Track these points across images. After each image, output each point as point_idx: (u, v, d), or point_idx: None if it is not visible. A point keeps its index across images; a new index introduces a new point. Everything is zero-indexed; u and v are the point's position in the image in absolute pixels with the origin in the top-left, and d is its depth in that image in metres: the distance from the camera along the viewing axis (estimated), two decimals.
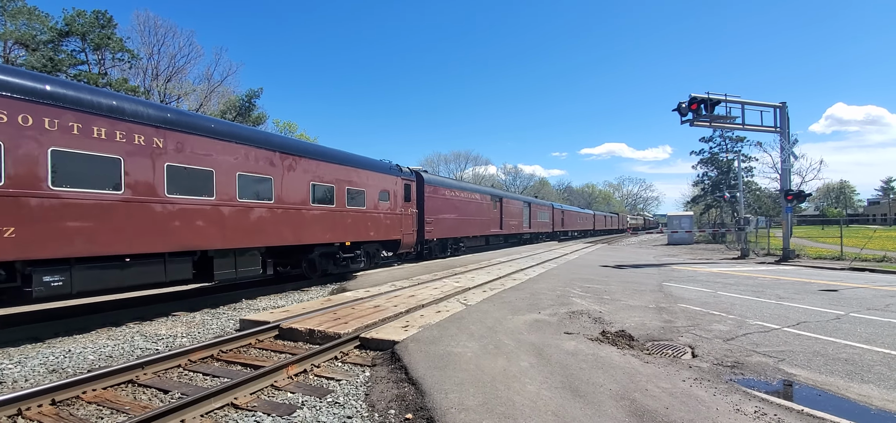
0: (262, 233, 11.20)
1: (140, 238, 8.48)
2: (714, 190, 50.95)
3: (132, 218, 8.35)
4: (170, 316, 9.42)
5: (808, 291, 11.76)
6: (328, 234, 13.50)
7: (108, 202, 8.01)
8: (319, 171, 13.23)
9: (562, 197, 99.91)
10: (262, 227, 11.19)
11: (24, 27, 29.82)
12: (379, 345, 6.47)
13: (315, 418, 4.35)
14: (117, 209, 8.13)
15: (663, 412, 4.24)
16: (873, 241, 27.02)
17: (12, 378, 5.70)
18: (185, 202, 9.31)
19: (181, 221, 9.23)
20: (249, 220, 10.83)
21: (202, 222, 9.67)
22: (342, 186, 14.15)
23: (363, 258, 15.72)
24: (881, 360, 6.00)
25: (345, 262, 14.69)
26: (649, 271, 17.24)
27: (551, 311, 8.78)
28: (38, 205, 7.12)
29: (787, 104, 21.73)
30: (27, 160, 7.00)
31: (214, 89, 40.43)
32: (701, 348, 6.52)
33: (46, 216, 7.21)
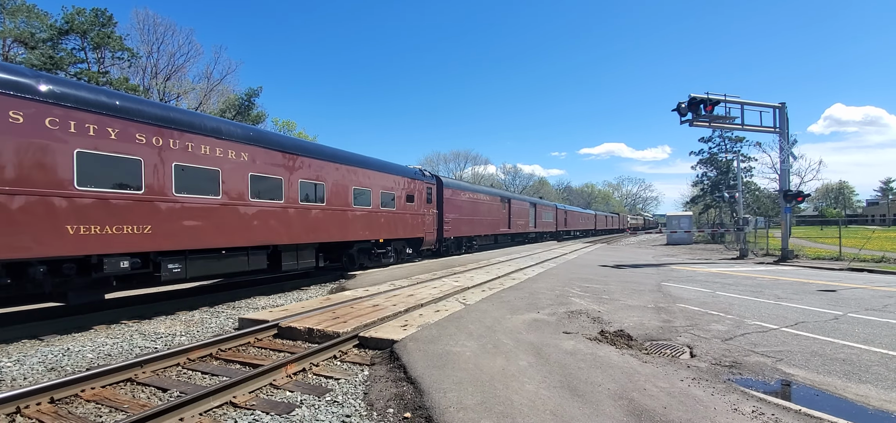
0: (316, 231, 12.98)
1: (232, 235, 10.31)
2: (713, 190, 50.98)
3: (226, 219, 10.18)
4: (169, 315, 9.42)
5: (807, 291, 11.78)
6: (366, 232, 15.35)
7: (210, 206, 9.85)
8: (358, 177, 15.02)
9: (561, 197, 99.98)
10: (316, 226, 12.97)
11: (24, 25, 29.79)
12: (378, 344, 6.48)
13: (314, 416, 4.36)
14: (216, 211, 9.96)
15: (661, 411, 4.25)
16: (872, 241, 27.06)
17: (11, 377, 5.70)
18: (262, 205, 11.14)
19: (259, 221, 11.04)
20: (307, 220, 12.62)
21: (274, 222, 11.49)
22: (376, 190, 15.98)
23: (393, 254, 17.55)
24: (879, 360, 6.02)
25: (377, 257, 16.54)
26: (648, 271, 17.26)
27: (550, 310, 8.79)
28: (166, 208, 8.96)
29: (786, 105, 21.77)
30: (158, 173, 8.84)
31: (214, 88, 40.41)
32: (699, 348, 6.54)
33: (170, 217, 9.02)
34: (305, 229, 12.50)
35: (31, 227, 7.08)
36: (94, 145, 7.90)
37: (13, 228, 6.88)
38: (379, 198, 16.06)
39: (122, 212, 8.27)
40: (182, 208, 9.25)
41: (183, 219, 9.26)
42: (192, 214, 9.45)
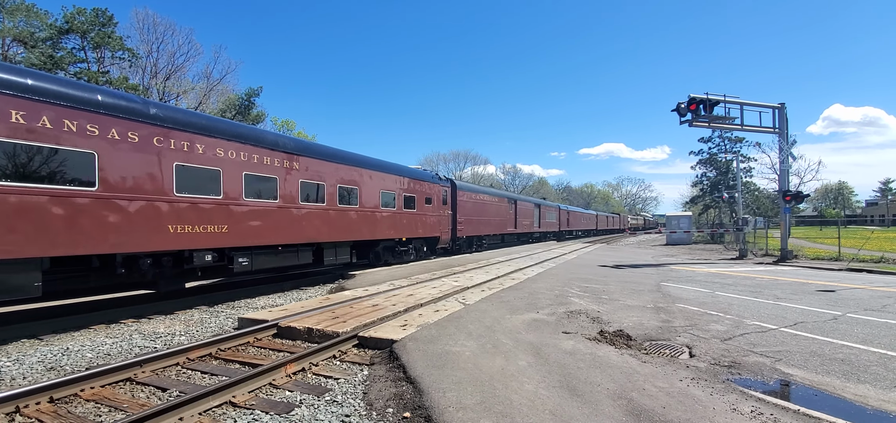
0: (351, 231, 14.61)
1: (286, 234, 11.82)
2: (713, 190, 51.01)
3: (281, 220, 11.70)
4: (168, 314, 9.42)
5: (806, 291, 11.79)
6: (391, 231, 16.97)
7: (269, 209, 11.35)
8: (386, 182, 16.64)
9: (561, 197, 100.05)
10: (351, 226, 14.62)
11: (23, 24, 29.75)
12: (377, 344, 6.48)
13: (313, 416, 4.36)
14: (274, 213, 11.47)
15: (660, 411, 4.26)
16: (871, 242, 27.09)
17: (10, 376, 5.70)
18: (309, 208, 12.69)
19: (306, 222, 12.55)
20: (344, 221, 14.24)
21: (318, 223, 13.03)
22: (400, 193, 17.59)
23: (413, 252, 19.16)
24: (877, 360, 6.03)
25: (400, 254, 18.16)
26: (647, 271, 17.27)
27: (549, 310, 8.80)
28: (238, 211, 10.52)
29: (785, 105, 21.78)
30: (233, 181, 10.41)
31: (213, 87, 40.37)
32: (698, 348, 6.54)
33: (241, 219, 10.58)
34: (342, 228, 14.17)
35: (143, 226, 8.60)
36: (188, 159, 9.52)
37: (131, 227, 8.41)
38: (402, 201, 17.66)
39: (207, 214, 9.87)
40: (249, 211, 10.84)
41: (250, 220, 10.86)
42: (256, 216, 11.03)
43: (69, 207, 7.54)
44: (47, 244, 7.25)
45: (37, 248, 7.12)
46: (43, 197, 7.23)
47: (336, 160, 14.03)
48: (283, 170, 11.77)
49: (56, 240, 7.35)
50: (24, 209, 7.02)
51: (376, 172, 16.11)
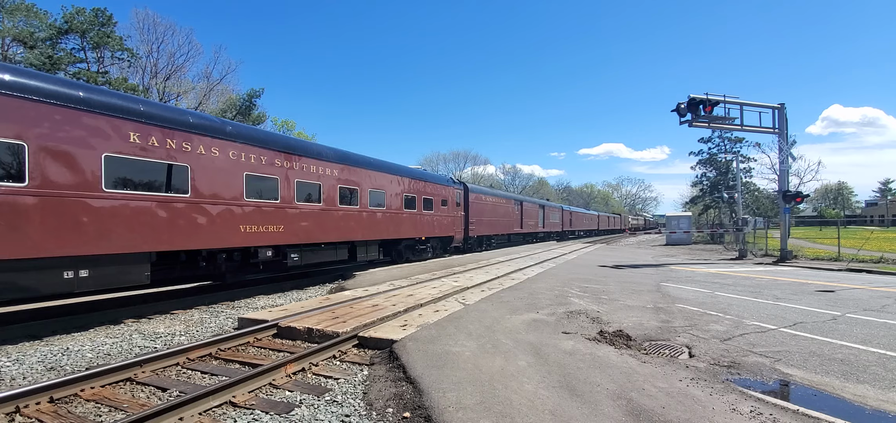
0: (379, 230, 16.27)
1: (327, 233, 13.49)
2: (712, 191, 51.06)
3: (324, 221, 13.32)
4: (168, 314, 9.42)
5: (806, 291, 11.80)
6: (412, 231, 18.67)
7: (314, 211, 12.96)
8: (407, 185, 18.33)
9: (561, 197, 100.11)
10: (379, 226, 16.29)
11: (23, 24, 29.76)
12: (377, 344, 6.49)
13: (313, 416, 4.36)
14: (318, 215, 13.06)
15: (660, 411, 4.26)
16: (870, 242, 27.10)
17: (10, 376, 5.70)
18: (346, 210, 14.35)
19: (343, 222, 14.20)
20: (374, 221, 15.91)
21: (353, 223, 14.73)
22: (420, 196, 19.25)
23: (430, 250, 21.05)
24: (877, 360, 6.03)
25: (419, 252, 20.03)
26: (647, 271, 17.28)
27: (549, 311, 8.80)
28: (292, 212, 12.10)
29: (785, 105, 21.79)
30: (287, 187, 11.97)
31: (213, 87, 40.39)
32: (698, 348, 6.55)
33: (293, 220, 12.12)
34: (372, 228, 15.84)
35: (222, 227, 10.19)
36: (254, 169, 11.06)
37: (213, 227, 9.94)
38: (422, 203, 19.39)
39: (268, 216, 11.36)
40: (299, 213, 12.37)
41: (300, 221, 12.38)
42: (304, 217, 12.54)
43: (170, 211, 9.12)
44: (155, 241, 8.82)
45: (148, 244, 8.69)
46: (152, 203, 8.80)
47: (368, 167, 15.86)
48: (324, 176, 13.47)
49: (161, 238, 8.95)
50: (139, 213, 8.56)
51: (400, 177, 17.94)
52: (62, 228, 7.46)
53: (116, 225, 8.18)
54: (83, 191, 7.76)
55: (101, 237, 7.95)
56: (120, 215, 8.23)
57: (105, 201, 8.04)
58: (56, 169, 7.41)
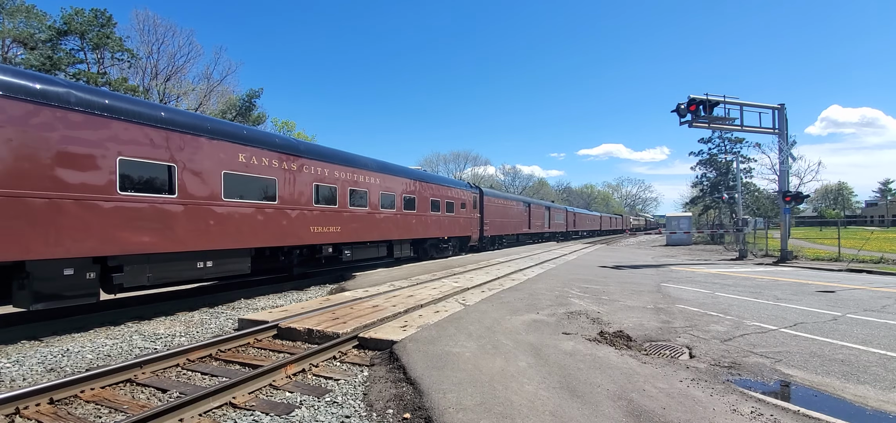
0: (410, 231, 18.51)
1: (372, 233, 15.81)
2: (713, 191, 51.03)
3: (369, 222, 15.71)
4: (168, 315, 9.41)
5: (806, 292, 11.80)
6: (437, 231, 21.13)
7: (363, 214, 15.28)
8: (433, 191, 20.70)
9: (561, 198, 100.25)
10: (411, 227, 18.52)
11: (22, 25, 29.76)
12: (377, 345, 6.48)
13: (313, 417, 4.36)
14: (365, 218, 15.39)
15: (660, 412, 4.26)
16: (870, 242, 27.08)
17: (10, 377, 5.70)
18: (385, 213, 16.70)
19: (383, 224, 16.58)
20: (406, 222, 18.18)
21: (390, 225, 17.06)
22: (443, 200, 21.68)
23: (451, 248, 23.47)
24: (877, 361, 6.03)
25: (442, 250, 22.56)
26: (647, 271, 17.27)
27: (550, 311, 8.80)
28: (346, 215, 14.35)
29: (785, 106, 21.79)
30: (343, 194, 14.28)
31: (214, 88, 40.38)
32: (698, 348, 6.55)
33: (347, 221, 14.38)
34: (405, 229, 18.09)
35: (299, 228, 12.37)
36: (320, 180, 13.25)
37: (292, 228, 12.15)
38: (445, 206, 21.78)
39: (330, 219, 13.55)
40: (351, 216, 14.62)
41: (352, 223, 14.60)
42: (355, 220, 14.83)
43: (263, 215, 11.27)
44: (254, 240, 11.02)
45: (249, 242, 10.93)
46: (252, 209, 10.97)
47: (401, 175, 18.24)
48: (370, 185, 15.77)
49: (258, 237, 11.13)
50: (244, 217, 10.75)
51: (428, 183, 20.42)
52: (197, 229, 9.62)
53: (230, 227, 10.38)
54: (210, 200, 9.94)
55: (221, 236, 10.16)
56: (232, 219, 10.46)
57: (223, 208, 10.22)
58: (193, 184, 9.57)
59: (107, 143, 8.08)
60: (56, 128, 7.41)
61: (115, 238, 8.12)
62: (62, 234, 7.39)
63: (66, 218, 7.45)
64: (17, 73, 7.49)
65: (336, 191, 13.90)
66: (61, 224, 7.39)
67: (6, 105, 6.84)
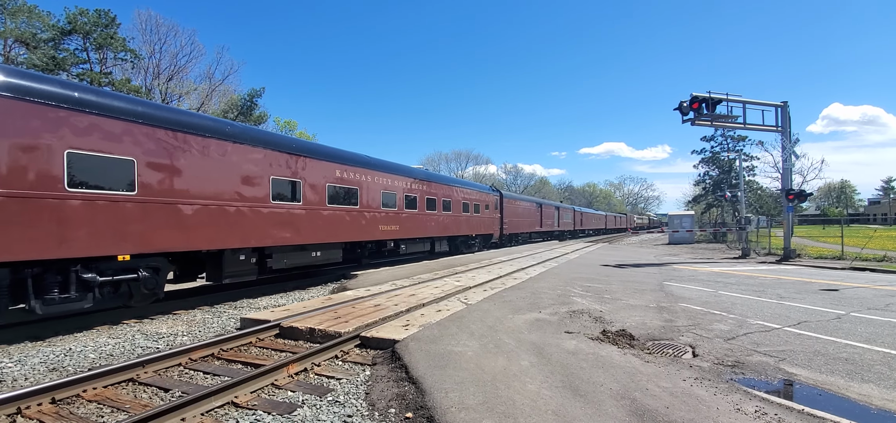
0: (447, 229, 22.01)
1: (419, 231, 19.05)
2: (715, 189, 50.89)
3: (418, 222, 18.91)
4: (171, 314, 9.43)
5: (809, 290, 11.74)
6: (467, 229, 24.76)
7: (413, 215, 18.45)
8: (464, 194, 24.49)
9: (563, 196, 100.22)
10: (448, 226, 22.05)
11: (25, 25, 29.81)
12: (379, 344, 6.47)
13: (315, 416, 4.35)
14: (415, 218, 18.55)
15: (664, 411, 4.24)
16: (874, 240, 26.98)
17: (12, 377, 5.71)
18: (429, 215, 19.92)
19: (428, 223, 19.84)
20: (444, 222, 21.55)
21: (433, 224, 20.37)
22: (471, 202, 25.36)
23: (477, 244, 26.89)
24: (881, 359, 5.99)
25: (470, 246, 25.92)
26: (650, 270, 17.22)
27: (552, 310, 8.77)
28: (403, 216, 17.49)
29: (788, 104, 21.68)
30: (400, 200, 17.34)
31: (216, 88, 40.40)
32: (702, 347, 6.52)
33: (403, 221, 17.54)
34: (443, 228, 21.50)
35: (373, 225, 15.73)
36: (386, 188, 16.61)
37: (369, 225, 15.40)
38: (473, 208, 25.47)
39: (391, 219, 16.86)
40: (407, 217, 17.93)
41: (407, 223, 17.93)
42: (409, 219, 18.15)
43: (350, 216, 14.53)
44: (345, 236, 14.27)
45: (341, 238, 14.16)
46: (343, 212, 14.18)
47: (441, 182, 22.19)
48: (418, 191, 18.98)
49: (347, 234, 14.38)
50: (339, 218, 13.96)
51: (460, 188, 24.24)
52: (313, 228, 12.86)
53: (331, 226, 13.56)
54: (319, 206, 13.16)
55: (326, 233, 13.37)
56: (332, 220, 13.64)
57: (327, 212, 13.47)
58: (310, 194, 12.75)
59: (265, 166, 11.32)
60: (245, 158, 10.78)
61: (268, 235, 11.31)
62: (243, 231, 10.63)
63: (245, 220, 10.66)
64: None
65: (396, 197, 17.20)
66: (243, 224, 10.61)
67: (225, 147, 10.31)
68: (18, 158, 6.89)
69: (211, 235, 9.82)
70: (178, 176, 9.20)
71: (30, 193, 7.00)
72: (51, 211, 7.23)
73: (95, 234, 7.78)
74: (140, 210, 8.49)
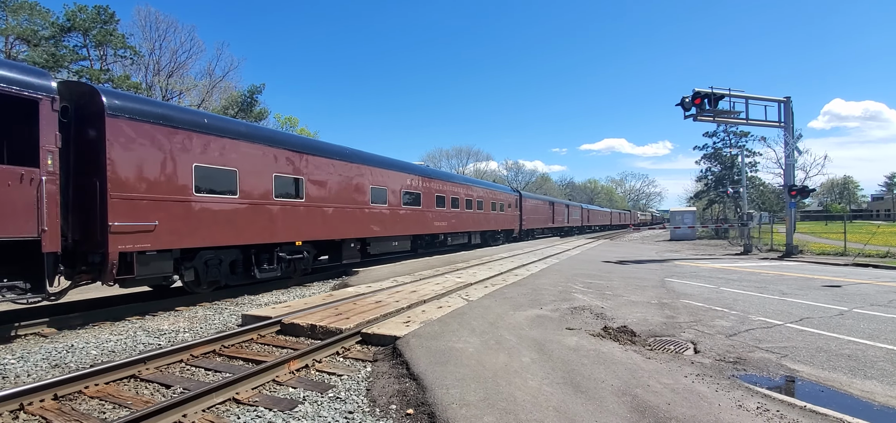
0: (480, 225, 26.72)
1: (461, 226, 23.67)
2: (717, 185, 50.82)
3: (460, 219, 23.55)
4: (172, 311, 9.44)
5: (812, 287, 11.71)
6: (495, 225, 29.25)
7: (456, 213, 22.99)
8: (493, 195, 29.39)
9: (564, 193, 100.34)
10: (480, 222, 26.71)
11: (26, 23, 29.81)
12: (380, 340, 6.47)
13: (316, 413, 4.35)
14: (458, 215, 23.20)
15: (665, 407, 4.23)
16: (877, 237, 26.85)
17: (15, 373, 5.72)
18: (468, 214, 24.51)
19: (466, 220, 24.21)
20: (477, 218, 26.16)
21: (470, 220, 24.77)
22: (498, 202, 29.99)
23: (501, 237, 31.36)
24: (884, 356, 5.97)
25: (496, 239, 30.33)
26: (651, 266, 17.20)
27: (553, 306, 8.76)
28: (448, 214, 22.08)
29: (791, 99, 21.57)
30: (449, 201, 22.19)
31: (216, 85, 40.42)
32: (703, 343, 6.50)
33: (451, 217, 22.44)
34: (477, 223, 26.30)
35: (430, 222, 20.09)
36: (438, 191, 20.86)
37: (427, 221, 19.95)
38: (499, 207, 29.99)
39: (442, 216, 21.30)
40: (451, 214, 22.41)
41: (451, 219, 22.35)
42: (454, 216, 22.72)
43: (415, 214, 18.75)
44: (412, 230, 18.57)
45: (411, 231, 18.38)
46: (411, 211, 18.43)
47: (477, 186, 27.52)
48: (459, 193, 23.65)
49: (414, 228, 18.63)
50: (409, 216, 18.27)
51: (490, 190, 29.37)
52: (394, 223, 17.31)
53: (405, 222, 18.08)
54: (396, 207, 17.50)
55: (401, 227, 17.86)
56: (404, 217, 18.07)
57: (402, 210, 17.89)
58: (392, 197, 17.20)
59: (367, 178, 15.77)
60: (355, 173, 15.15)
61: (368, 229, 15.73)
62: (356, 227, 15.02)
63: (356, 218, 15.01)
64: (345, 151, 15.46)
65: (445, 200, 21.60)
66: (355, 222, 14.96)
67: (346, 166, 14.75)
68: (255, 184, 11.23)
69: (340, 229, 14.31)
70: (323, 188, 13.50)
71: (259, 202, 11.30)
72: (266, 213, 11.49)
73: (287, 227, 12.13)
74: (306, 211, 12.84)
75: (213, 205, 10.18)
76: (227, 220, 10.43)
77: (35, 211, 6.94)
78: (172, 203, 9.29)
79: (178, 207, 9.39)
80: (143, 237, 8.69)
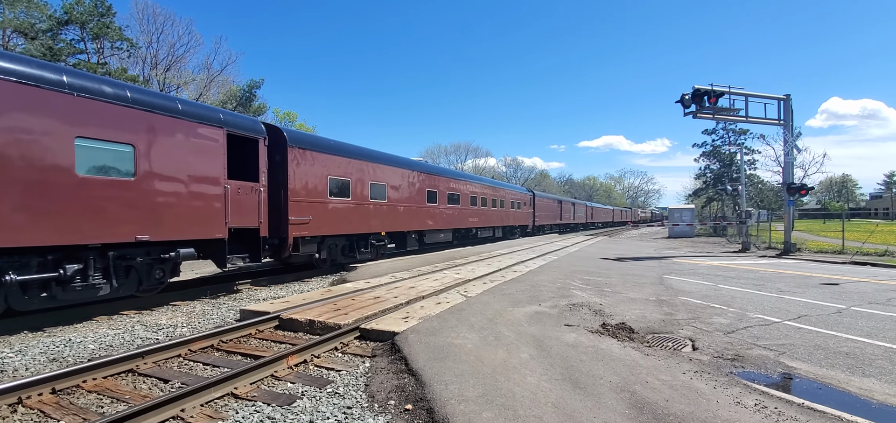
0: (503, 220, 31.22)
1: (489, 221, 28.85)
2: (716, 183, 50.86)
3: (486, 215, 27.98)
4: (170, 306, 9.43)
5: (810, 284, 11.74)
6: (513, 221, 33.46)
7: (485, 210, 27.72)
8: (513, 195, 34.06)
9: (563, 190, 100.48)
10: (503, 218, 31.24)
11: (23, 15, 29.60)
12: (379, 336, 6.47)
13: (315, 408, 4.35)
14: (486, 212, 28.06)
15: (663, 404, 4.23)
16: (875, 235, 26.88)
17: (13, 367, 5.71)
18: (493, 211, 29.38)
19: (490, 216, 28.79)
20: (500, 215, 30.60)
21: (495, 217, 29.63)
22: (516, 200, 34.27)
23: (518, 232, 35.56)
24: (882, 354, 5.99)
25: (513, 233, 34.32)
26: (650, 263, 17.22)
27: (552, 303, 8.77)
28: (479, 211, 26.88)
29: (790, 97, 21.57)
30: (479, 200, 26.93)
31: (214, 79, 40.18)
32: (701, 341, 6.51)
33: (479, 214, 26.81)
34: (500, 219, 30.57)
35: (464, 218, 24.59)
36: (472, 192, 25.65)
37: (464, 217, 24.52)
38: (516, 205, 34.31)
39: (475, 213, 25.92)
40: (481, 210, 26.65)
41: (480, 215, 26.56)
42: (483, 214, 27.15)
43: (455, 211, 22.95)
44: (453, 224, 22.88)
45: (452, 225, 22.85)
46: (453, 208, 22.77)
47: (500, 187, 31.80)
48: (486, 194, 27.66)
49: (454, 222, 22.99)
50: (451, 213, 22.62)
51: (509, 190, 34.00)
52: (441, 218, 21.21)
53: (448, 217, 21.89)
54: (442, 206, 21.30)
55: (445, 223, 21.65)
56: (448, 213, 21.93)
57: (447, 209, 21.79)
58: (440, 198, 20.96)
59: (423, 183, 19.44)
60: (415, 179, 18.88)
61: (424, 223, 19.50)
62: (415, 221, 18.77)
63: (414, 214, 18.63)
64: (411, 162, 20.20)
65: (477, 198, 25.74)
66: (414, 217, 18.70)
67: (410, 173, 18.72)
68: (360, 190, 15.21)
69: (408, 223, 18.31)
70: (396, 190, 17.39)
71: (361, 202, 15.20)
72: (365, 211, 15.47)
73: (378, 222, 16.16)
74: (387, 208, 16.73)
75: (338, 205, 14.05)
76: (343, 216, 14.30)
77: (257, 210, 10.90)
78: (318, 204, 13.14)
79: (320, 207, 13.23)
80: (303, 227, 12.52)
